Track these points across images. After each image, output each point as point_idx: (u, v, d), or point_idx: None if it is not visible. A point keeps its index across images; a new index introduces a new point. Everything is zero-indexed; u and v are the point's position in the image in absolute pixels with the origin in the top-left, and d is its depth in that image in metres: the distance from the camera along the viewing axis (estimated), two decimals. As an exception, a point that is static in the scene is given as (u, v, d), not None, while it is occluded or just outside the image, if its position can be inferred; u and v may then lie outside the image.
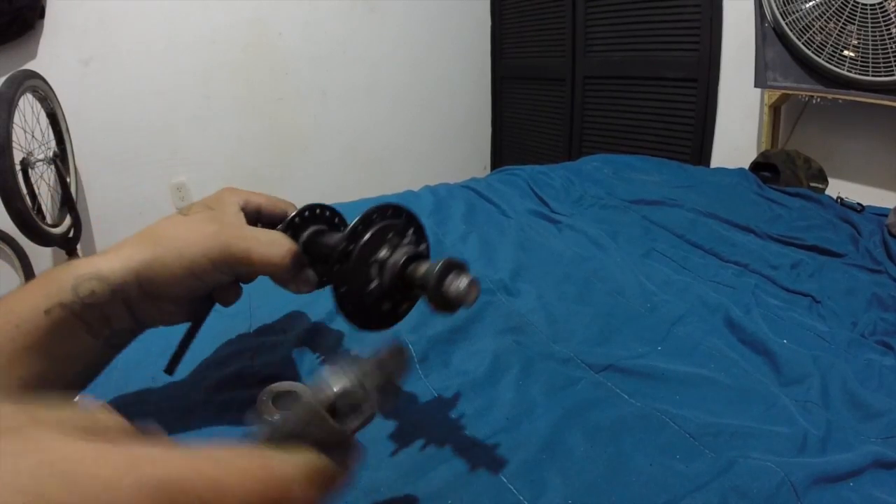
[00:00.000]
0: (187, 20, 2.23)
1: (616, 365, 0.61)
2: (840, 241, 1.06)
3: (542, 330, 0.68)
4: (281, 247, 0.38)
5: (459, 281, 0.33)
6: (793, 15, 1.51)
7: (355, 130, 2.69)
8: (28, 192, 1.69)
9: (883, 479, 0.46)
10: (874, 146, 1.64)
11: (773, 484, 0.43)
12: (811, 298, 0.84)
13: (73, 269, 0.36)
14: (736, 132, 2.00)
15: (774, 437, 0.50)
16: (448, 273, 0.34)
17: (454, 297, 0.33)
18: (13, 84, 1.59)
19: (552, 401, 0.55)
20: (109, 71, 2.12)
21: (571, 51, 2.52)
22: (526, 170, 1.39)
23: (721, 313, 0.74)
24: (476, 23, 2.98)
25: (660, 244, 1.00)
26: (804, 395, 0.58)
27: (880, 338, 0.72)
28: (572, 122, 2.61)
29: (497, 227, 1.04)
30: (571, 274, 0.84)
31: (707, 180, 1.43)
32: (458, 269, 0.34)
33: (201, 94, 2.33)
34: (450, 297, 0.33)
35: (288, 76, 2.50)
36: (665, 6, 2.14)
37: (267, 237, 0.39)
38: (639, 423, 0.51)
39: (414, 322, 0.68)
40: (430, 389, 0.56)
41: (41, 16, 1.96)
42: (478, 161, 3.19)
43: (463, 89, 3.02)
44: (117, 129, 2.18)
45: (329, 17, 2.54)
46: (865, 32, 1.38)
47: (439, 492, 0.43)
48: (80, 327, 0.36)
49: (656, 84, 2.23)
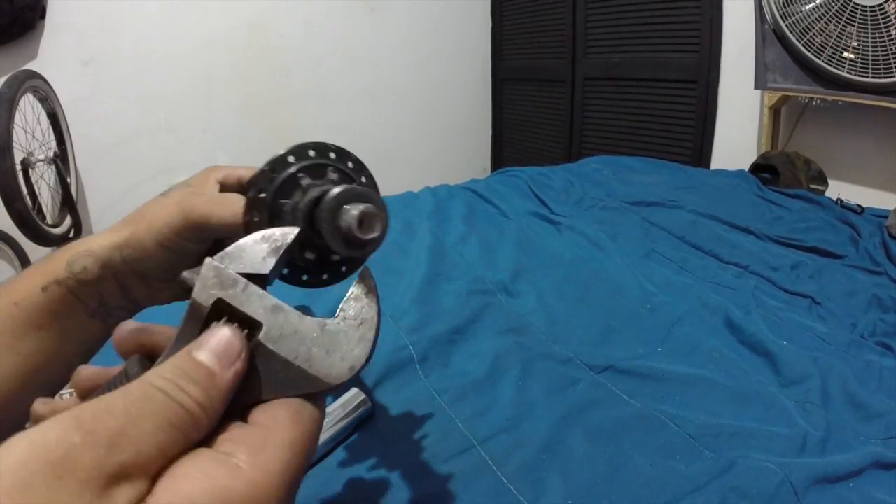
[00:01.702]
0: (188, 21, 2.23)
1: (616, 366, 0.61)
2: (840, 243, 1.06)
3: (542, 331, 0.68)
4: (233, 204, 0.38)
5: (353, 209, 0.27)
6: (793, 17, 1.51)
7: (355, 132, 2.70)
8: (28, 192, 1.69)
9: (882, 480, 0.46)
10: (874, 148, 1.64)
11: (773, 484, 0.43)
12: (811, 300, 0.84)
13: (69, 248, 0.38)
14: (736, 134, 2.00)
15: (774, 438, 0.50)
16: (344, 203, 0.28)
17: (345, 230, 0.27)
18: (14, 84, 1.59)
19: (552, 401, 0.55)
20: (110, 71, 2.12)
21: (571, 52, 2.53)
22: (526, 171, 1.39)
23: (721, 314, 0.74)
24: (476, 24, 2.99)
25: (660, 245, 1.01)
26: (804, 396, 0.58)
27: (880, 339, 0.72)
28: (572, 123, 2.61)
29: (497, 228, 1.04)
30: (571, 275, 0.84)
31: (707, 182, 1.43)
32: (359, 198, 0.28)
33: (202, 95, 2.33)
34: (342, 231, 0.28)
35: (288, 77, 2.50)
36: (665, 8, 2.14)
37: (221, 198, 0.39)
38: (639, 424, 0.52)
39: (414, 322, 0.68)
40: (430, 390, 0.56)
41: (42, 16, 1.96)
42: (478, 162, 3.19)
43: (463, 91, 3.02)
44: (117, 130, 2.19)
45: (329, 19, 2.54)
46: (865, 34, 1.39)
47: (439, 492, 0.43)
48: (76, 305, 0.37)
49: (656, 86, 2.23)
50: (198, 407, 0.20)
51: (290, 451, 0.21)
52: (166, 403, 0.19)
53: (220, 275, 0.24)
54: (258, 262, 0.25)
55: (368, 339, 0.24)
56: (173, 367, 0.21)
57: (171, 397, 0.20)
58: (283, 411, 0.22)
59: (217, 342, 0.22)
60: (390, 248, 0.91)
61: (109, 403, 0.19)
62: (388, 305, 0.73)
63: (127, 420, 0.18)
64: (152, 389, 0.20)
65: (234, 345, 0.22)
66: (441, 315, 0.70)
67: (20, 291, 0.36)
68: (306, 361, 0.23)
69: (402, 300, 0.74)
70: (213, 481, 0.18)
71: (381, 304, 0.26)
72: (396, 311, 0.71)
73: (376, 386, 0.57)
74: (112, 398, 0.19)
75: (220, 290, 0.23)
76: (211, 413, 0.21)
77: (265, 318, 0.23)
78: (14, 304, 0.36)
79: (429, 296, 0.76)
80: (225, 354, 0.22)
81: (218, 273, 0.24)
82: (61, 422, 0.17)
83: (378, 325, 0.25)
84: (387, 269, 0.84)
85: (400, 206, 1.12)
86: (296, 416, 0.22)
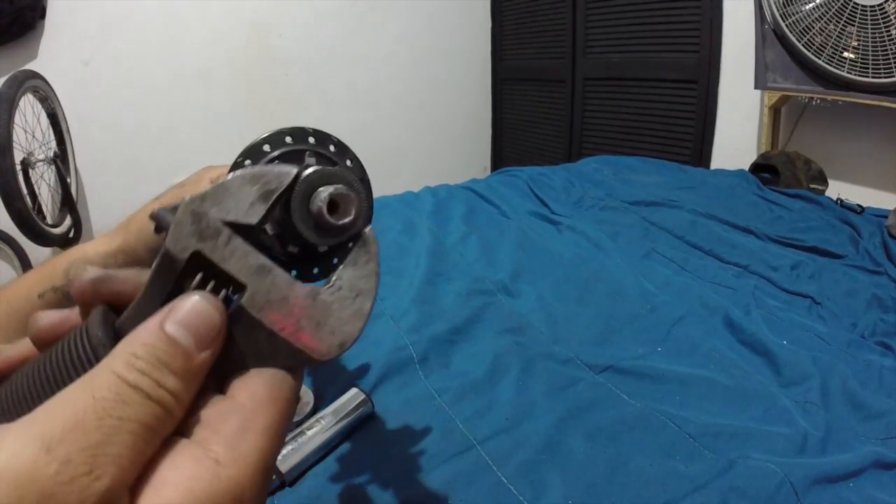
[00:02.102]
0: (187, 21, 2.23)
1: (616, 366, 0.61)
2: (840, 243, 1.06)
3: (542, 331, 0.68)
4: None
5: (323, 191, 0.23)
6: (793, 16, 1.51)
7: (355, 131, 2.69)
8: (28, 192, 1.69)
9: (882, 480, 0.46)
10: (874, 148, 1.64)
11: (773, 484, 0.43)
12: (811, 299, 0.84)
13: (66, 255, 0.39)
14: (736, 133, 2.00)
15: (774, 438, 0.50)
16: (318, 186, 0.24)
17: (315, 214, 0.23)
18: (14, 84, 1.59)
19: (552, 401, 0.55)
20: (110, 71, 2.12)
21: (571, 52, 2.53)
22: (526, 171, 1.39)
23: (721, 314, 0.74)
24: (476, 24, 2.99)
25: (660, 245, 1.01)
26: (804, 396, 0.58)
27: (880, 339, 0.72)
28: (572, 123, 2.61)
29: (497, 228, 1.04)
30: (571, 275, 0.84)
31: (707, 182, 1.43)
32: (329, 179, 0.24)
33: (201, 95, 2.33)
34: (313, 216, 0.24)
35: (288, 77, 2.50)
36: (665, 7, 2.14)
37: None
38: (639, 424, 0.52)
39: (414, 322, 0.68)
40: (430, 390, 0.56)
41: (42, 16, 1.96)
42: (478, 162, 3.19)
43: (463, 90, 3.02)
44: (117, 130, 2.19)
45: (329, 19, 2.54)
46: (865, 34, 1.39)
47: (439, 492, 0.43)
48: None
49: (656, 85, 2.23)
50: (174, 400, 0.18)
51: (268, 436, 0.19)
52: (143, 405, 0.17)
53: (199, 221, 0.20)
54: (244, 209, 0.21)
55: (363, 314, 0.21)
56: (146, 350, 0.18)
57: (147, 396, 0.17)
58: (263, 389, 0.20)
59: (194, 316, 0.19)
60: (390, 248, 0.91)
61: (78, 413, 0.16)
62: (388, 305, 0.73)
63: (102, 436, 0.16)
64: (127, 390, 0.17)
65: (212, 321, 0.19)
66: (441, 315, 0.70)
67: (17, 298, 0.37)
68: (293, 334, 0.20)
69: (402, 300, 0.74)
70: (194, 483, 0.17)
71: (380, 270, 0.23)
72: (396, 311, 0.71)
73: (376, 386, 0.57)
74: (78, 402, 0.17)
75: (199, 241, 0.20)
76: (186, 402, 0.19)
77: (250, 280, 0.20)
78: (9, 310, 0.36)
79: (429, 296, 0.76)
80: (202, 332, 0.19)
81: (197, 219, 0.20)
82: (27, 444, 0.15)
83: (375, 298, 0.22)
84: (387, 269, 0.84)
85: (400, 206, 1.12)
86: (277, 393, 0.20)
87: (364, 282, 0.22)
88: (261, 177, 0.21)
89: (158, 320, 0.19)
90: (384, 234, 0.96)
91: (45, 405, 0.17)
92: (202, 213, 0.20)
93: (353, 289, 0.22)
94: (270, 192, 0.21)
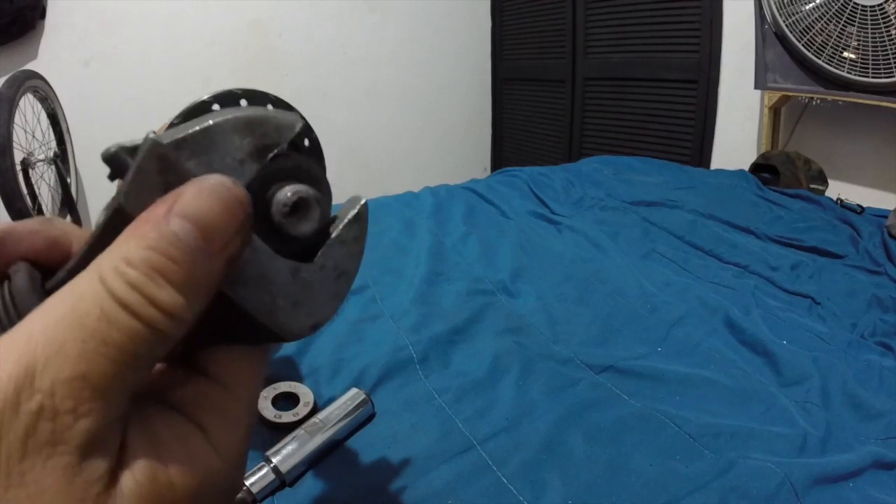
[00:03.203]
0: (187, 21, 2.24)
1: (616, 366, 0.61)
2: (840, 243, 1.06)
3: (542, 331, 0.68)
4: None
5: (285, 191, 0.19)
6: (793, 16, 1.51)
7: (355, 132, 2.70)
8: (28, 192, 1.70)
9: (882, 480, 0.46)
10: (874, 148, 1.64)
11: (773, 484, 0.43)
12: (811, 299, 0.84)
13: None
14: (736, 134, 2.00)
15: (774, 438, 0.50)
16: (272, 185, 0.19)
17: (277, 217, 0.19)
18: (14, 84, 1.59)
19: (552, 401, 0.55)
20: (110, 71, 2.12)
21: (571, 52, 2.53)
22: (526, 171, 1.39)
23: (721, 314, 0.74)
24: (476, 24, 2.99)
25: (660, 245, 1.01)
26: (804, 396, 0.58)
27: (880, 339, 0.72)
28: (572, 123, 2.61)
29: (497, 228, 1.04)
30: (571, 275, 0.84)
31: (707, 182, 1.43)
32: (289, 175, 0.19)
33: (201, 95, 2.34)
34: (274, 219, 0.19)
35: (288, 77, 2.50)
36: (665, 8, 2.14)
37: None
38: (639, 424, 0.52)
39: (414, 322, 0.68)
40: (430, 390, 0.56)
41: (42, 16, 1.96)
42: (478, 162, 3.19)
43: (463, 90, 3.02)
44: (117, 130, 2.19)
45: (329, 19, 2.55)
46: (865, 34, 1.39)
47: (439, 492, 0.43)
48: None
49: (656, 85, 2.23)
50: (171, 322, 0.15)
51: (251, 413, 0.19)
52: (131, 328, 0.14)
53: (166, 171, 0.15)
54: (231, 166, 0.16)
55: (341, 296, 0.19)
56: (141, 253, 0.14)
57: (137, 316, 0.14)
58: (244, 368, 0.18)
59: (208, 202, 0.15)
60: (390, 248, 0.91)
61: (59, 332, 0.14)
62: (388, 305, 0.73)
63: (86, 365, 0.14)
64: (112, 306, 0.14)
65: (234, 207, 0.15)
66: (441, 315, 0.70)
67: None
68: (267, 314, 0.18)
69: (402, 300, 0.74)
70: (195, 458, 0.16)
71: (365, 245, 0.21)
72: (396, 311, 0.71)
73: (376, 386, 0.57)
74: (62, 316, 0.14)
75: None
76: (187, 323, 0.15)
77: None
78: None
79: (429, 296, 0.76)
80: (219, 226, 0.15)
81: (164, 168, 0.15)
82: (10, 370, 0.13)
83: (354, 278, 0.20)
84: (387, 269, 0.84)
85: (400, 206, 1.12)
86: (256, 372, 0.19)
87: (349, 262, 0.20)
88: (257, 125, 0.17)
89: (165, 208, 0.15)
90: (384, 234, 0.96)
91: (31, 315, 0.14)
92: (173, 161, 0.15)
93: (337, 268, 0.19)
94: (267, 148, 0.17)
